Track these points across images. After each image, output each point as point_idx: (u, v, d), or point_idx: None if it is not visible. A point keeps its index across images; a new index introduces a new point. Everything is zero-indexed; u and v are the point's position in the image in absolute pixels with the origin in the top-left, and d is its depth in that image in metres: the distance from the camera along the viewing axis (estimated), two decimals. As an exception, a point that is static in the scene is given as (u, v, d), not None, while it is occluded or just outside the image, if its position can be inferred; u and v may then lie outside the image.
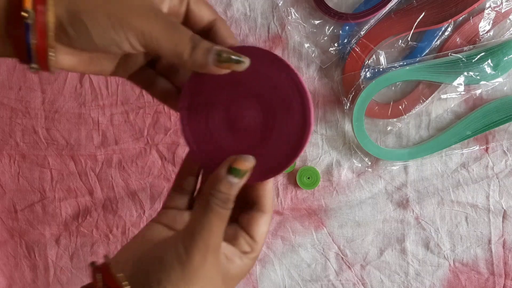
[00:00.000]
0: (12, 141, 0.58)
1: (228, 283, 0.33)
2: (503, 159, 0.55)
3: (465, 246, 0.56)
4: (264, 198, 0.36)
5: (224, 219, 0.32)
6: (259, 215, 0.35)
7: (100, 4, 0.29)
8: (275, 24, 0.56)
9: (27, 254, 0.59)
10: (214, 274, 0.32)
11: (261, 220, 0.35)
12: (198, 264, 0.30)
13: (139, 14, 0.29)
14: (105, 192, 0.58)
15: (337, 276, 0.57)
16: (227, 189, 0.31)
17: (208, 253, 0.31)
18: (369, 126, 0.56)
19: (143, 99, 0.57)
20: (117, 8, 0.29)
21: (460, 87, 0.53)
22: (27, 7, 0.28)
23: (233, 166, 0.32)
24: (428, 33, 0.54)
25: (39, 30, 0.28)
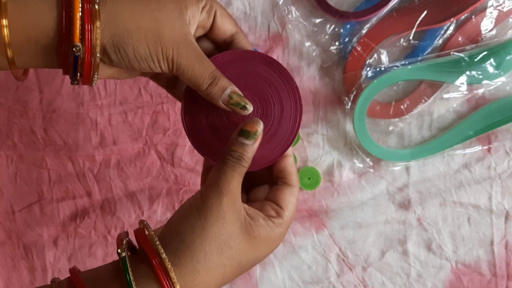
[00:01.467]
0: (9, 141, 0.58)
1: (253, 242, 0.36)
2: (505, 159, 0.55)
3: (467, 247, 0.56)
4: (286, 172, 0.39)
5: (238, 171, 0.35)
6: (284, 187, 0.39)
7: (141, 38, 0.33)
8: (276, 23, 0.55)
9: (24, 256, 0.58)
10: (231, 218, 0.34)
11: (286, 191, 0.39)
12: (212, 205, 0.34)
13: (174, 47, 0.34)
14: (103, 193, 0.58)
15: (338, 278, 0.57)
16: (239, 148, 0.36)
17: (223, 196, 0.34)
18: (371, 126, 0.55)
19: (142, 99, 0.57)
20: (156, 41, 0.34)
21: (463, 87, 0.53)
22: (76, 42, 0.32)
23: (243, 128, 0.36)
24: (430, 32, 0.53)
25: (86, 58, 0.33)
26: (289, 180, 0.39)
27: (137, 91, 0.57)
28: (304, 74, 0.56)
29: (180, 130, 0.57)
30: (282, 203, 0.38)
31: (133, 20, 0.33)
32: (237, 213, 0.35)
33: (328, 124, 0.56)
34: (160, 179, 0.57)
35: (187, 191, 0.57)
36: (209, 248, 0.33)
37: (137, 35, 0.33)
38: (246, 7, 0.55)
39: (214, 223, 0.34)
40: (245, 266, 0.36)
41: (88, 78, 0.34)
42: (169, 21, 0.34)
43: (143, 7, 0.34)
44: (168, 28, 0.34)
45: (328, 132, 0.56)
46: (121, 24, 0.33)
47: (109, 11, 0.33)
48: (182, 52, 0.34)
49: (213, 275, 0.34)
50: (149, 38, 0.33)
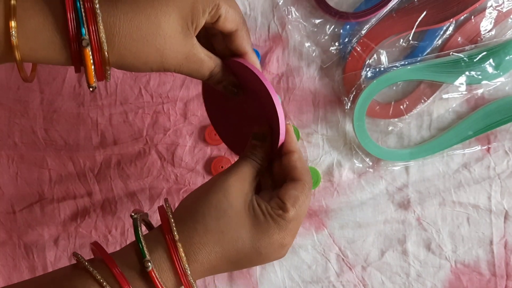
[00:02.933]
0: (10, 142, 0.58)
1: (255, 225, 0.37)
2: (505, 159, 0.55)
3: (466, 247, 0.56)
4: (289, 167, 0.40)
5: (253, 165, 0.39)
6: (288, 182, 0.39)
7: (147, 68, 0.36)
8: (276, 23, 0.55)
9: (25, 255, 0.58)
10: (235, 192, 0.37)
11: (290, 185, 0.39)
12: (218, 179, 0.38)
13: (176, 66, 0.37)
14: (104, 193, 0.58)
15: (337, 278, 0.57)
16: (253, 148, 0.40)
17: (231, 175, 0.38)
18: (370, 126, 0.55)
19: (142, 99, 0.57)
20: (160, 67, 0.36)
21: (462, 87, 0.53)
22: (92, 84, 0.35)
23: (253, 131, 0.41)
24: (429, 33, 0.54)
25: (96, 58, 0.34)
26: (294, 175, 0.39)
27: (137, 91, 0.57)
28: (304, 75, 0.56)
29: (181, 130, 0.57)
30: (284, 197, 0.38)
31: (139, 60, 0.35)
32: (241, 192, 0.38)
33: (328, 124, 0.56)
34: (161, 179, 0.57)
35: (188, 191, 0.57)
36: (208, 212, 0.36)
37: (143, 68, 0.36)
38: (246, 7, 0.56)
39: (216, 192, 0.37)
40: (244, 244, 0.37)
41: (101, 74, 0.36)
42: (174, 50, 0.36)
43: (150, 47, 0.35)
44: (172, 57, 0.36)
45: (327, 132, 0.56)
46: (128, 63, 0.36)
47: (116, 53, 0.35)
48: (183, 68, 0.38)
49: (211, 238, 0.36)
50: (154, 67, 0.37)
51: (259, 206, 0.38)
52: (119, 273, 0.34)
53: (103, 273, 0.34)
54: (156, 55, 0.35)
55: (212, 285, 0.57)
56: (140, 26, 0.34)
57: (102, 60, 0.34)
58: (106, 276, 0.34)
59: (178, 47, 0.36)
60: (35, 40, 0.33)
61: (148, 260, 0.35)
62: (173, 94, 0.57)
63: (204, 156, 0.57)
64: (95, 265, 0.35)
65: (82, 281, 0.34)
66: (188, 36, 0.36)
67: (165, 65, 0.36)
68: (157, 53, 0.35)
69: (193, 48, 0.37)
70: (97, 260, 0.36)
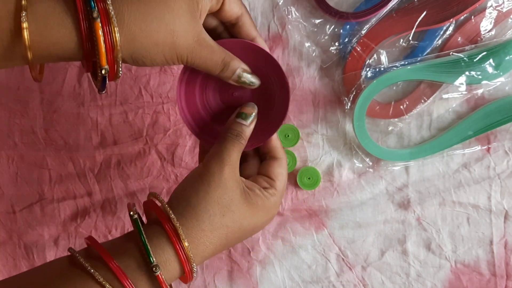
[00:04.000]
0: (10, 142, 0.58)
1: (252, 209, 0.40)
2: (505, 159, 0.55)
3: (466, 247, 0.56)
4: (271, 147, 0.43)
5: (237, 146, 0.40)
6: (272, 161, 0.43)
7: (158, 52, 0.35)
8: (276, 23, 0.55)
9: (25, 255, 0.58)
10: (232, 185, 0.38)
11: (275, 164, 0.43)
12: (215, 173, 0.38)
13: (188, 52, 0.37)
14: (104, 193, 0.58)
15: (337, 278, 0.57)
16: (238, 127, 0.40)
17: (224, 165, 0.38)
18: (370, 126, 0.55)
19: (142, 99, 0.57)
20: (172, 52, 0.36)
21: (462, 87, 0.53)
22: (104, 65, 0.34)
23: (241, 111, 0.41)
24: (429, 33, 0.53)
25: (111, 69, 0.35)
26: (276, 154, 0.43)
27: (137, 91, 0.57)
28: (304, 75, 0.56)
29: (181, 130, 0.57)
30: (272, 175, 0.42)
31: (150, 40, 0.35)
32: (237, 182, 0.39)
33: (328, 124, 0.56)
34: (161, 179, 0.57)
35: (188, 191, 0.57)
36: (212, 210, 0.37)
37: (154, 50, 0.35)
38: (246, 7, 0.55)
39: (216, 188, 0.38)
40: (245, 230, 0.40)
41: (113, 74, 0.36)
42: (183, 29, 0.36)
43: (159, 22, 0.35)
44: (183, 37, 0.36)
45: (327, 132, 0.56)
46: (139, 44, 0.35)
47: (126, 32, 0.34)
48: (196, 54, 0.37)
49: (217, 235, 0.38)
50: (166, 51, 0.36)
51: (252, 190, 0.40)
52: (122, 274, 0.34)
53: (102, 273, 0.34)
54: (167, 33, 0.35)
55: (212, 285, 0.57)
56: (147, 2, 0.34)
57: (113, 42, 0.33)
58: (106, 275, 0.34)
59: (188, 26, 0.36)
60: (45, 24, 0.32)
61: (156, 265, 0.35)
62: (173, 94, 0.57)
63: (204, 156, 0.57)
64: (93, 264, 0.35)
65: (82, 283, 0.34)
66: (195, 17, 0.36)
67: (177, 47, 0.36)
68: (168, 31, 0.35)
69: (202, 32, 0.37)
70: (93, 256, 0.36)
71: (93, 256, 0.36)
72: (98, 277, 0.34)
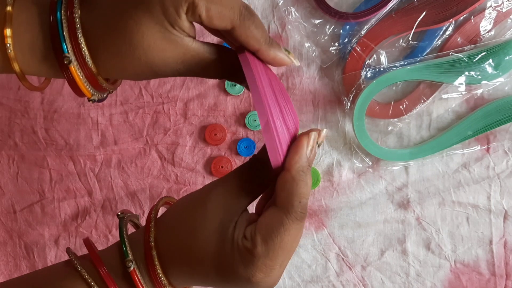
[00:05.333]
0: (11, 141, 0.58)
1: (224, 263, 0.32)
2: (504, 159, 0.55)
3: (466, 246, 0.56)
4: (276, 190, 0.32)
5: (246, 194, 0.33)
6: (270, 208, 0.32)
7: (135, 75, 0.33)
8: (275, 23, 0.55)
9: (26, 255, 0.58)
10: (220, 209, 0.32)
11: (268, 212, 0.32)
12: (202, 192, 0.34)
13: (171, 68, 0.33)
14: (104, 193, 0.58)
15: (337, 277, 0.57)
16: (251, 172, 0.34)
17: (217, 214, 0.32)
18: (370, 126, 0.55)
19: (142, 99, 0.57)
20: (148, 71, 0.33)
21: (461, 87, 0.53)
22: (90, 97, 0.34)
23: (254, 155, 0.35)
24: (429, 33, 0.53)
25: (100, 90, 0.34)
26: (277, 199, 0.32)
27: (137, 91, 0.57)
28: (304, 75, 0.56)
29: (181, 130, 0.57)
30: (257, 227, 0.31)
31: (128, 72, 0.33)
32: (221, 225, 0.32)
33: (328, 124, 0.56)
34: (161, 178, 0.57)
35: (188, 191, 0.57)
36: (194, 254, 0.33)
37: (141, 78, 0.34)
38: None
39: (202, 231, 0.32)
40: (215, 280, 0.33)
41: (98, 86, 0.34)
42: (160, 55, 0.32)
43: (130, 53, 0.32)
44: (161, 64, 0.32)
45: (327, 132, 0.56)
46: (120, 75, 0.34)
47: (102, 72, 0.33)
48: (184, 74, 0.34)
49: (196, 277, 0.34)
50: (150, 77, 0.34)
51: (232, 236, 0.32)
52: (105, 273, 0.33)
53: (91, 273, 0.34)
54: (144, 68, 0.32)
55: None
56: (116, 43, 0.31)
57: (92, 73, 0.33)
58: (95, 275, 0.34)
59: (166, 54, 0.32)
60: (32, 55, 0.32)
61: (130, 260, 0.33)
62: (173, 94, 0.57)
63: (204, 156, 0.57)
64: (84, 264, 0.35)
65: (72, 280, 0.34)
66: (173, 40, 0.32)
67: (160, 75, 0.33)
68: (145, 66, 0.32)
69: (188, 51, 0.32)
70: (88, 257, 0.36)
71: (88, 260, 0.36)
72: (85, 274, 0.33)
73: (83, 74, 0.33)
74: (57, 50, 0.32)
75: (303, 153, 0.32)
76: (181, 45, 0.32)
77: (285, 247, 0.31)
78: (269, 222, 0.31)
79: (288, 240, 0.31)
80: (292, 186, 0.31)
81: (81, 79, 0.33)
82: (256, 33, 0.33)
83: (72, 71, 0.32)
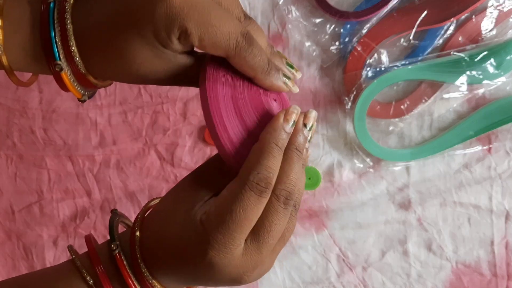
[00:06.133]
0: (9, 141, 0.58)
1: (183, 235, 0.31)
2: (506, 159, 0.55)
3: (467, 247, 0.56)
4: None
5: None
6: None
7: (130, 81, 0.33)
8: (276, 22, 0.55)
9: (24, 256, 0.58)
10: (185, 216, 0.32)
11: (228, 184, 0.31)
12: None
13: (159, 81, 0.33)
14: (103, 193, 0.58)
15: (338, 278, 0.56)
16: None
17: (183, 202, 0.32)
18: (371, 126, 0.55)
19: (141, 99, 0.57)
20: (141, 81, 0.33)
21: (463, 87, 0.53)
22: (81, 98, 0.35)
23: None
24: (430, 32, 0.53)
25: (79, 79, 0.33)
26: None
27: (136, 91, 0.57)
28: (304, 74, 0.56)
29: (180, 130, 0.57)
30: (213, 203, 0.31)
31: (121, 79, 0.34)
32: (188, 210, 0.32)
33: (328, 124, 0.56)
34: (160, 179, 0.57)
35: (187, 191, 0.57)
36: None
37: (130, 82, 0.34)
38: (246, 7, 0.55)
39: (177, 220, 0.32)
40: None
41: (90, 84, 0.34)
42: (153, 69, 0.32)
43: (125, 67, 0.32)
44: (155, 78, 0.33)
45: (328, 132, 0.56)
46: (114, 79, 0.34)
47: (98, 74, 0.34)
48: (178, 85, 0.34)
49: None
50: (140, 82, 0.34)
51: (195, 215, 0.31)
52: (101, 271, 0.33)
53: (90, 269, 0.34)
54: (136, 78, 0.32)
55: (212, 286, 0.57)
56: (108, 57, 0.32)
57: (83, 76, 0.33)
58: (93, 274, 0.34)
59: (159, 69, 0.32)
60: (22, 54, 0.32)
61: (117, 244, 0.33)
62: (173, 94, 0.57)
63: (203, 156, 0.57)
64: (84, 261, 0.35)
65: (70, 276, 0.34)
66: (165, 58, 0.31)
67: (154, 84, 0.33)
68: (137, 77, 0.32)
69: (181, 66, 0.32)
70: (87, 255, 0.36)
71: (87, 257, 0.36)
72: (83, 271, 0.33)
73: (74, 78, 0.33)
74: (48, 56, 0.32)
75: (276, 126, 0.31)
76: (174, 62, 0.32)
77: (237, 221, 0.29)
78: (224, 193, 0.30)
79: (240, 213, 0.29)
80: (255, 156, 0.30)
81: (72, 84, 0.33)
82: (252, 63, 0.31)
83: (64, 78, 0.32)
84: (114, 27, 0.31)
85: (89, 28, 0.31)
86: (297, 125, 0.32)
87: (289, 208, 0.31)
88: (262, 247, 0.30)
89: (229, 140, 0.31)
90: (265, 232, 0.30)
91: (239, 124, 0.32)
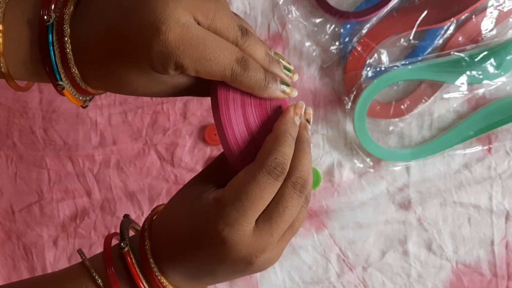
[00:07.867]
0: (9, 142, 0.58)
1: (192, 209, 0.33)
2: (506, 159, 0.55)
3: (467, 247, 0.56)
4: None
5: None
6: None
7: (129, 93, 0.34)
8: (276, 22, 0.55)
9: (24, 256, 0.58)
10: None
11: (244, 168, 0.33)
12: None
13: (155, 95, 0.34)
14: (103, 193, 0.58)
15: (338, 278, 0.56)
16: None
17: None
18: (371, 126, 0.55)
19: (141, 99, 0.57)
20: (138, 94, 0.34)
21: (463, 87, 0.53)
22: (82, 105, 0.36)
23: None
24: (430, 32, 0.53)
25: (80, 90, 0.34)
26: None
27: (137, 91, 0.57)
28: (304, 74, 0.56)
29: (180, 130, 0.57)
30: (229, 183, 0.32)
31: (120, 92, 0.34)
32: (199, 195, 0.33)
33: (328, 124, 0.56)
34: (160, 179, 0.57)
35: (187, 191, 0.57)
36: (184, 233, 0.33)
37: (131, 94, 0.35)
38: (246, 7, 0.55)
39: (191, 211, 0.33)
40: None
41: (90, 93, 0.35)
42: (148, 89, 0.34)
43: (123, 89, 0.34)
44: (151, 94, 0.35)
45: (328, 132, 0.56)
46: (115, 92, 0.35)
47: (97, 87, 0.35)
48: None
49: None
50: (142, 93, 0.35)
51: (202, 196, 0.33)
52: (112, 273, 0.34)
53: (98, 270, 0.34)
54: (134, 94, 0.34)
55: (212, 286, 0.57)
56: (106, 80, 0.33)
57: (84, 89, 0.34)
58: (101, 273, 0.34)
59: (156, 90, 0.33)
60: (24, 69, 0.33)
61: (126, 242, 0.34)
62: (173, 94, 0.57)
63: (203, 156, 0.57)
64: (94, 263, 0.35)
65: (79, 276, 0.34)
66: (162, 81, 0.32)
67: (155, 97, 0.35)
68: (135, 94, 0.34)
69: (178, 85, 0.33)
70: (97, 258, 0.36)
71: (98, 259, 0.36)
72: (92, 271, 0.34)
73: (75, 92, 0.34)
74: (50, 77, 0.32)
75: (289, 117, 0.33)
76: (171, 83, 0.33)
77: (252, 200, 0.30)
78: (241, 175, 0.31)
79: (256, 192, 0.30)
80: (273, 144, 0.32)
81: (74, 96, 0.34)
82: (248, 85, 0.32)
83: (66, 94, 0.33)
84: (111, 56, 0.31)
85: (88, 49, 0.32)
86: (303, 120, 0.35)
87: (303, 197, 0.32)
88: (273, 229, 0.31)
89: (235, 142, 0.33)
90: (278, 216, 0.31)
91: (245, 127, 0.34)
